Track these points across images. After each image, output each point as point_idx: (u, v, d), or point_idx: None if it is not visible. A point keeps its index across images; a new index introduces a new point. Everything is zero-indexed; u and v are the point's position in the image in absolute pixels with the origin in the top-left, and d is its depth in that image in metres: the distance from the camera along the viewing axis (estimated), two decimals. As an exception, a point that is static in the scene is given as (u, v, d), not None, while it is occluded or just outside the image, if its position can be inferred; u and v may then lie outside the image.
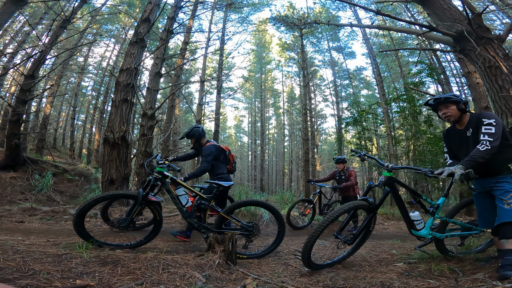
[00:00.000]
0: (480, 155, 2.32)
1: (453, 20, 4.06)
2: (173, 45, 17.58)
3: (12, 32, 14.82)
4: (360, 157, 3.11)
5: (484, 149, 2.32)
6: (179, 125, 19.47)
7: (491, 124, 2.40)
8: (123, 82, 6.79)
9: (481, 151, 2.33)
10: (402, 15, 13.60)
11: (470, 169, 2.34)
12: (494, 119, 2.43)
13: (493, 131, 2.37)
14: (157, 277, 2.12)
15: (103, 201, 3.66)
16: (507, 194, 2.37)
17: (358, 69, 24.43)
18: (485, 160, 2.33)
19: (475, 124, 2.52)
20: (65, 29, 8.68)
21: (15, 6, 5.79)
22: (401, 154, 14.49)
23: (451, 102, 2.60)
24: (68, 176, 7.89)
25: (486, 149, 2.32)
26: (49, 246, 2.88)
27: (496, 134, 2.37)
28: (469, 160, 2.34)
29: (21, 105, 7.26)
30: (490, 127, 2.39)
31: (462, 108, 2.58)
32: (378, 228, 6.79)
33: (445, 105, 2.63)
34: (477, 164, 2.33)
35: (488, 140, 2.34)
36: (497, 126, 2.40)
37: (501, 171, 2.48)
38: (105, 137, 6.51)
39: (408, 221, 2.81)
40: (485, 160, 2.33)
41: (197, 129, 4.33)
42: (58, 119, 22.32)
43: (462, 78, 14.00)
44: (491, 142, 2.33)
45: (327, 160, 30.97)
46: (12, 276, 1.81)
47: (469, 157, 2.36)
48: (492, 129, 2.38)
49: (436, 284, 2.20)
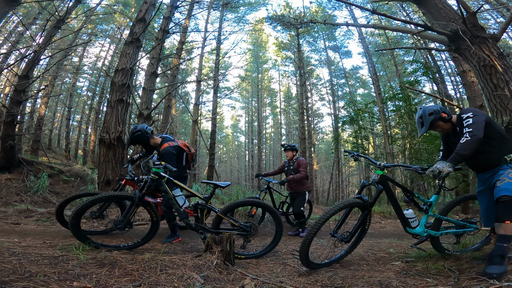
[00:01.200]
0: (462, 148, 2.36)
1: (448, 19, 4.08)
2: (169, 45, 17.50)
3: (5, 32, 14.64)
4: (353, 157, 3.16)
5: (464, 141, 2.37)
6: (176, 125, 19.41)
7: (469, 117, 2.48)
8: (118, 82, 6.75)
9: (461, 144, 2.38)
10: (397, 14, 13.66)
11: (457, 164, 2.38)
12: (471, 112, 2.51)
13: (471, 122, 2.43)
14: (155, 278, 2.11)
15: (99, 202, 3.64)
16: (500, 175, 2.40)
17: (355, 68, 24.52)
18: (468, 151, 2.35)
19: (460, 121, 2.60)
20: (59, 29, 8.60)
21: (8, 6, 5.71)
22: (397, 153, 14.57)
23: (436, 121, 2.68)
24: (64, 177, 7.82)
25: (466, 140, 2.36)
26: (46, 248, 2.85)
27: (475, 123, 2.41)
28: (454, 155, 2.38)
29: (16, 106, 7.18)
30: (468, 119, 2.47)
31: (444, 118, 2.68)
32: (375, 227, 6.82)
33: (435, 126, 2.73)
34: (463, 157, 2.37)
35: (468, 132, 2.40)
36: (476, 117, 2.45)
37: (497, 164, 2.50)
38: (101, 137, 6.47)
39: (403, 219, 2.84)
40: (468, 151, 2.35)
41: (138, 133, 3.93)
42: (53, 119, 22.13)
43: (457, 77, 14.11)
44: (470, 132, 2.38)
45: (324, 159, 31.07)
46: (8, 279, 1.80)
47: (454, 153, 2.40)
48: (469, 120, 2.45)
49: (433, 282, 2.21)
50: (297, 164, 5.46)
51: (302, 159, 5.54)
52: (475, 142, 2.35)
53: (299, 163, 5.45)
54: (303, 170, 5.35)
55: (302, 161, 5.49)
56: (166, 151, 3.79)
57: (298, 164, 5.44)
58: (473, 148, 2.35)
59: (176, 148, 3.88)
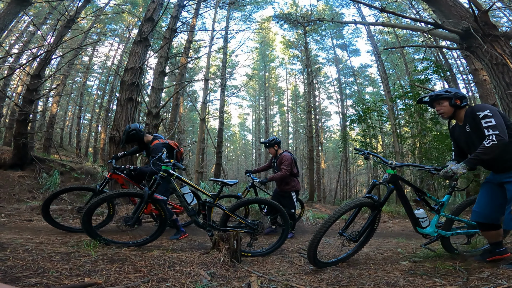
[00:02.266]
0: (484, 151, 2.19)
1: (459, 18, 4.02)
2: (176, 44, 17.61)
3: (17, 32, 14.98)
4: (364, 155, 3.12)
5: (490, 145, 2.17)
6: (184, 124, 19.54)
7: (487, 116, 2.26)
8: (128, 81, 6.84)
9: (486, 147, 2.19)
10: (407, 12, 13.45)
11: (473, 168, 2.27)
12: (488, 110, 2.29)
13: (494, 122, 2.22)
14: (163, 275, 2.15)
15: (110, 199, 3.71)
16: None
17: (363, 67, 24.25)
18: (490, 156, 2.19)
19: (471, 118, 2.40)
20: (69, 28, 8.74)
21: (20, 7, 5.84)
22: (407, 152, 14.39)
23: (443, 99, 2.51)
24: (75, 174, 7.97)
25: (492, 144, 2.16)
26: (58, 245, 2.92)
27: (498, 124, 2.21)
28: (473, 158, 2.25)
29: (28, 104, 7.34)
30: (489, 119, 2.24)
31: (455, 104, 2.47)
32: (383, 227, 6.76)
33: (437, 102, 2.55)
34: (481, 162, 2.22)
35: (494, 134, 2.18)
36: (494, 115, 2.25)
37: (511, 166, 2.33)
38: (111, 135, 6.57)
39: (413, 219, 2.81)
40: (490, 156, 2.19)
41: (133, 132, 4.17)
42: (65, 118, 22.56)
43: (469, 75, 13.84)
44: (497, 136, 2.17)
45: (332, 158, 30.87)
46: (22, 275, 1.85)
47: (473, 155, 2.26)
48: (491, 120, 2.23)
49: (441, 282, 2.20)
50: (279, 161, 4.97)
51: (286, 155, 4.98)
52: (501, 146, 2.17)
53: (281, 159, 4.94)
54: (284, 168, 4.82)
55: (284, 157, 4.95)
56: (155, 145, 4.01)
57: (280, 161, 4.94)
58: (497, 153, 2.20)
59: (165, 145, 4.12)
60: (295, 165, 5.11)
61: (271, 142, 5.15)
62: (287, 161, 4.88)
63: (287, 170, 4.83)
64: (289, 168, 4.86)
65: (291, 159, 5.00)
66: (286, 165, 4.84)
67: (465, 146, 2.63)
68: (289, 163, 4.89)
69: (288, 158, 4.93)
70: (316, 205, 10.09)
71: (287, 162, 4.87)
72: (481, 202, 2.54)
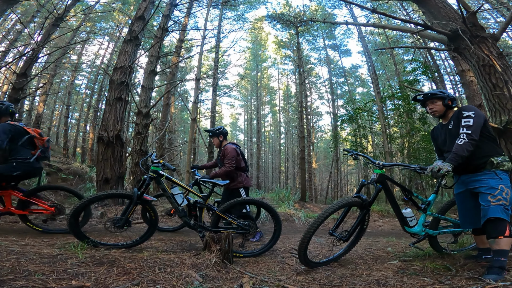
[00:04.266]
0: (460, 148, 2.35)
1: (448, 19, 4.08)
2: (168, 43, 17.46)
3: (3, 30, 14.59)
4: (352, 156, 3.18)
5: (462, 143, 2.36)
6: (175, 123, 19.38)
7: (470, 116, 2.44)
8: (117, 80, 6.74)
9: (459, 145, 2.36)
10: (397, 14, 13.66)
11: (456, 164, 2.35)
12: (473, 111, 2.47)
13: (471, 123, 2.41)
14: (154, 276, 2.11)
15: (98, 200, 3.64)
16: (493, 190, 2.33)
17: (354, 67, 24.53)
18: (468, 152, 2.35)
19: (456, 116, 2.57)
20: (58, 27, 8.55)
21: (6, 5, 5.70)
22: (396, 152, 14.60)
23: (437, 98, 2.69)
24: (62, 175, 7.82)
25: (464, 143, 2.35)
26: (44, 247, 2.85)
27: (474, 125, 2.40)
28: (453, 156, 2.37)
29: (14, 103, 7.16)
30: (469, 119, 2.43)
31: (447, 104, 2.67)
32: (373, 226, 6.84)
33: (431, 101, 2.72)
34: (462, 158, 2.35)
35: (466, 133, 2.38)
36: (476, 117, 2.43)
37: (482, 166, 2.46)
38: (100, 135, 6.46)
39: (401, 218, 2.85)
40: (468, 152, 2.35)
41: None
42: (52, 117, 22.06)
43: (456, 76, 14.12)
44: (469, 135, 2.37)
45: (323, 158, 31.11)
46: (7, 277, 1.80)
47: (452, 154, 2.38)
48: (470, 121, 2.42)
49: (430, 282, 2.22)
50: (222, 154, 4.46)
51: (229, 147, 4.46)
52: (472, 145, 2.36)
53: (224, 152, 4.42)
54: (227, 163, 4.32)
55: (227, 149, 4.42)
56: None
57: (223, 155, 4.43)
58: (470, 151, 2.36)
59: (12, 126, 3.68)
60: (242, 158, 4.63)
61: (216, 131, 4.66)
62: (230, 153, 4.36)
63: (231, 164, 4.32)
64: (233, 162, 4.34)
65: (236, 151, 4.46)
66: (229, 158, 4.33)
67: (441, 143, 2.78)
68: (233, 155, 4.36)
69: (232, 150, 4.39)
70: (308, 205, 10.14)
71: (230, 155, 4.35)
72: (462, 211, 2.72)
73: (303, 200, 11.81)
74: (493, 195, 2.31)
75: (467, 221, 2.67)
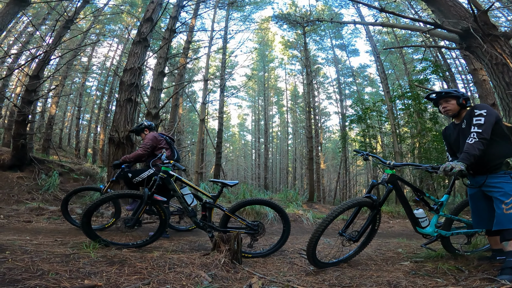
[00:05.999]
0: (472, 148, 2.30)
1: (459, 17, 4.02)
2: (176, 44, 17.60)
3: (16, 33, 14.93)
4: (363, 157, 3.13)
5: (473, 142, 2.32)
6: (183, 124, 19.53)
7: (481, 115, 2.40)
8: (127, 81, 6.82)
9: (470, 144, 2.32)
10: (405, 12, 13.47)
11: (469, 164, 2.31)
12: (485, 110, 2.42)
13: (482, 122, 2.36)
14: (164, 276, 2.13)
15: (109, 200, 3.69)
16: (507, 196, 2.29)
17: (362, 67, 24.29)
18: (480, 151, 2.30)
19: (469, 115, 2.53)
20: (68, 29, 8.72)
21: (18, 7, 5.82)
22: (406, 152, 14.40)
23: (451, 97, 2.64)
24: (74, 175, 7.94)
25: (475, 142, 2.31)
26: (57, 246, 2.91)
27: (485, 124, 2.35)
28: (465, 155, 2.32)
29: (27, 105, 7.32)
30: (480, 117, 2.39)
31: (461, 103, 2.61)
32: (383, 227, 6.76)
33: (445, 100, 2.67)
34: (474, 157, 2.31)
35: (476, 132, 2.34)
36: (488, 116, 2.38)
37: (498, 166, 2.41)
38: (110, 136, 6.55)
39: (413, 219, 2.81)
40: (480, 151, 2.30)
41: None
42: (64, 119, 22.48)
43: (468, 75, 13.86)
44: (479, 134, 2.32)
45: (331, 158, 30.89)
46: (21, 277, 1.83)
47: (463, 153, 2.34)
48: (481, 119, 2.38)
49: (443, 283, 2.19)
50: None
51: (150, 134, 4.41)
52: (483, 144, 2.31)
53: (144, 139, 4.40)
54: (141, 147, 4.23)
55: (146, 136, 4.38)
56: None
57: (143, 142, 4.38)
58: (482, 150, 2.31)
59: None
60: (169, 147, 4.47)
61: (138, 128, 4.61)
62: (146, 139, 4.30)
63: (144, 148, 4.19)
64: (147, 146, 4.20)
65: (155, 138, 4.35)
66: (144, 143, 4.25)
67: (454, 143, 2.74)
68: (148, 141, 4.25)
69: (150, 137, 4.31)
70: (316, 206, 10.09)
71: (146, 141, 4.29)
72: (475, 212, 2.69)
73: (311, 201, 11.74)
74: (507, 202, 2.27)
75: (481, 222, 2.63)
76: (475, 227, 2.75)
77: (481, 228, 2.71)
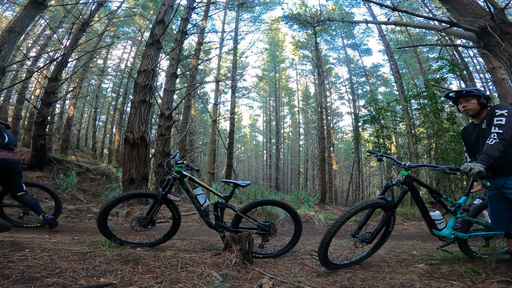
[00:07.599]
0: (491, 149, 2.24)
1: (475, 16, 3.91)
2: (187, 46, 17.82)
3: (34, 36, 15.46)
4: (377, 157, 3.08)
5: (493, 143, 2.25)
6: (195, 125, 19.73)
7: (503, 115, 2.33)
8: (141, 83, 6.95)
9: (490, 145, 2.26)
10: (419, 11, 13.19)
11: (488, 165, 2.25)
12: (507, 110, 2.35)
13: (503, 122, 2.30)
14: (176, 275, 2.17)
15: (124, 200, 3.77)
16: None
17: (375, 66, 23.84)
18: (500, 152, 2.24)
19: (490, 115, 2.45)
20: (84, 32, 8.97)
21: (36, 10, 6.01)
22: (422, 153, 14.06)
23: (472, 96, 2.57)
24: (91, 175, 8.17)
25: (495, 142, 2.25)
26: (75, 244, 2.99)
27: (506, 124, 2.28)
28: (484, 156, 2.27)
29: (46, 107, 7.58)
30: (501, 118, 2.32)
31: (482, 103, 2.54)
32: (398, 229, 6.64)
33: (465, 99, 2.60)
34: (494, 158, 2.25)
35: (497, 133, 2.27)
36: (509, 116, 2.31)
37: None
38: (125, 137, 6.69)
39: (429, 221, 2.75)
40: (500, 152, 2.24)
41: None
42: (81, 120, 23.12)
43: (486, 74, 13.44)
44: (500, 134, 2.26)
45: (344, 159, 30.54)
46: (40, 274, 1.88)
47: (483, 154, 2.28)
48: (502, 120, 2.31)
49: (459, 285, 2.14)
50: None
51: None
52: (504, 145, 2.25)
53: None
54: None
55: None
56: None
57: None
58: (502, 151, 2.25)
59: None
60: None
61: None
62: None
63: None
64: None
65: None
66: None
67: (473, 144, 2.67)
68: None
69: None
70: (328, 207, 10.00)
71: None
72: (493, 214, 2.63)
73: (323, 202, 11.65)
74: None
75: (500, 224, 2.57)
76: (493, 229, 2.68)
77: (500, 231, 2.64)
